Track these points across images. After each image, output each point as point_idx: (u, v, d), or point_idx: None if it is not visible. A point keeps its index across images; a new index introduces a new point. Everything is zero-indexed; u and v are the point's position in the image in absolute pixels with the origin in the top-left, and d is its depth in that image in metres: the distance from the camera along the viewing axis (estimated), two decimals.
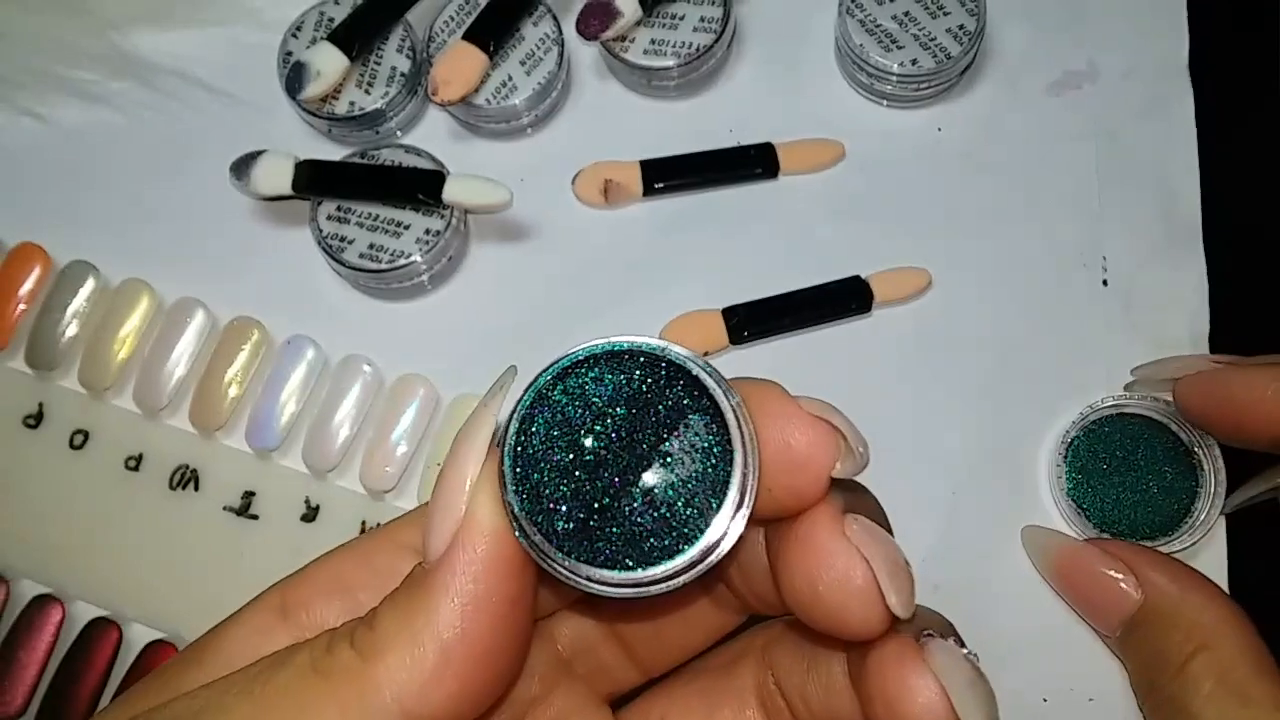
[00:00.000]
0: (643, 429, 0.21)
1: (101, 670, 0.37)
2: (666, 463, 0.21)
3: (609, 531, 0.21)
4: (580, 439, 0.21)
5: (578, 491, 0.21)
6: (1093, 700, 0.36)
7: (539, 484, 0.21)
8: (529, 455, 0.21)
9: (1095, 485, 0.37)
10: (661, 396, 0.21)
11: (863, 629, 0.22)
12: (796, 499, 0.22)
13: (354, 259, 0.39)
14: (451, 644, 0.20)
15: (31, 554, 0.38)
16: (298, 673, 0.21)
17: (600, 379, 0.22)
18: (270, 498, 0.38)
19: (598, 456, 0.21)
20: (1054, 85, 0.42)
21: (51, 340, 0.40)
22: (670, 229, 0.41)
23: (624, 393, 0.21)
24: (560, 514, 0.21)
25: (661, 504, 0.21)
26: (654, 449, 0.21)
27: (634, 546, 0.21)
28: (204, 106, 0.42)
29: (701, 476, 0.21)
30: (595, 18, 0.39)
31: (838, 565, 0.21)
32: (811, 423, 0.22)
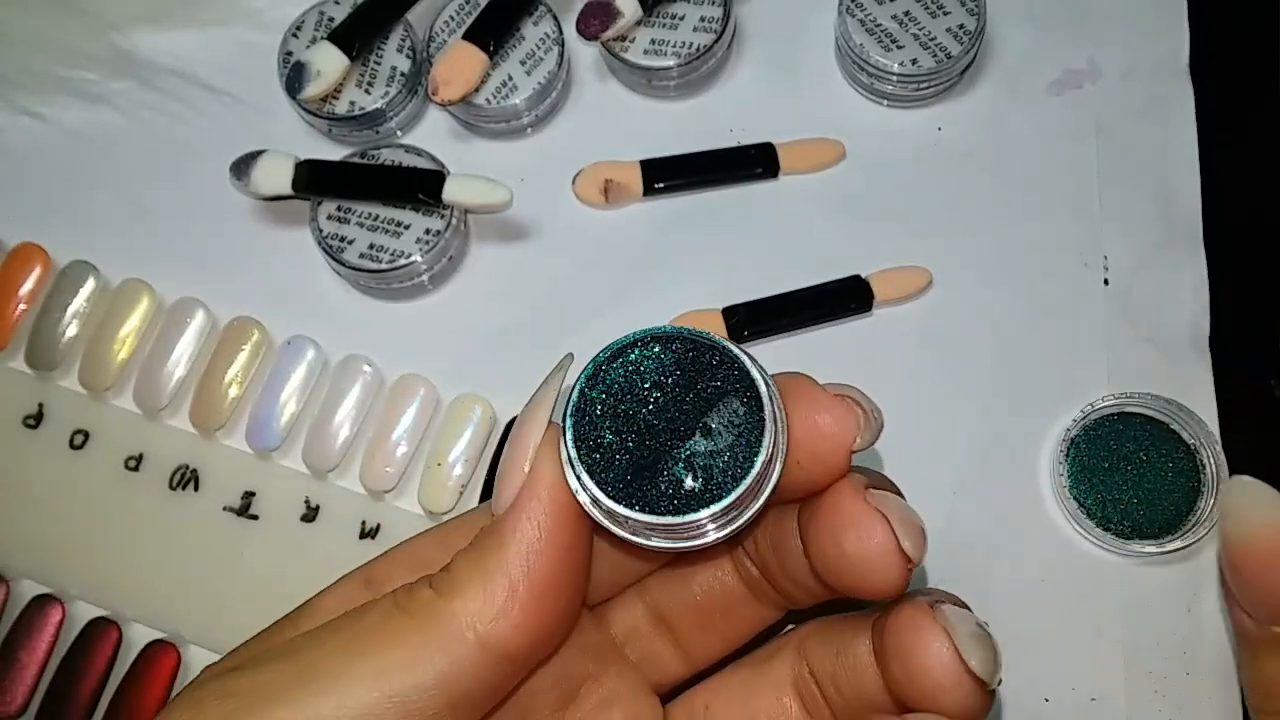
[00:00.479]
0: (688, 403, 0.25)
1: (101, 670, 0.37)
2: (708, 434, 0.25)
3: (653, 485, 0.24)
4: (633, 407, 0.25)
5: (628, 450, 0.25)
6: (1094, 700, 0.36)
7: (595, 441, 0.25)
8: (588, 417, 0.25)
9: (1096, 484, 0.37)
10: (707, 377, 0.25)
11: (883, 581, 0.25)
12: (825, 471, 0.25)
13: (354, 259, 0.39)
14: (518, 580, 0.24)
15: (31, 554, 0.38)
16: (382, 611, 0.24)
17: (654, 357, 0.25)
18: (270, 498, 0.38)
19: (647, 424, 0.25)
20: (1054, 85, 0.42)
21: (51, 340, 0.40)
22: (670, 229, 0.41)
23: (674, 370, 0.25)
24: (612, 467, 0.24)
25: (700, 467, 0.24)
26: (697, 422, 0.25)
27: (674, 498, 0.24)
28: (204, 106, 0.42)
29: (736, 447, 0.24)
30: (595, 17, 0.39)
31: (860, 525, 0.25)
32: (835, 401, 0.25)
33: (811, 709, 0.28)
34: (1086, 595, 0.37)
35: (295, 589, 0.37)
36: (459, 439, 0.38)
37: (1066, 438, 0.38)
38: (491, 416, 0.39)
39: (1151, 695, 0.36)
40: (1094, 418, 0.38)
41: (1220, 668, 0.36)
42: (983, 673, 0.25)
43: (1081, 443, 0.38)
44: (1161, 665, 0.36)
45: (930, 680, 0.25)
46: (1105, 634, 0.37)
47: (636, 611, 0.30)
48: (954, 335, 0.40)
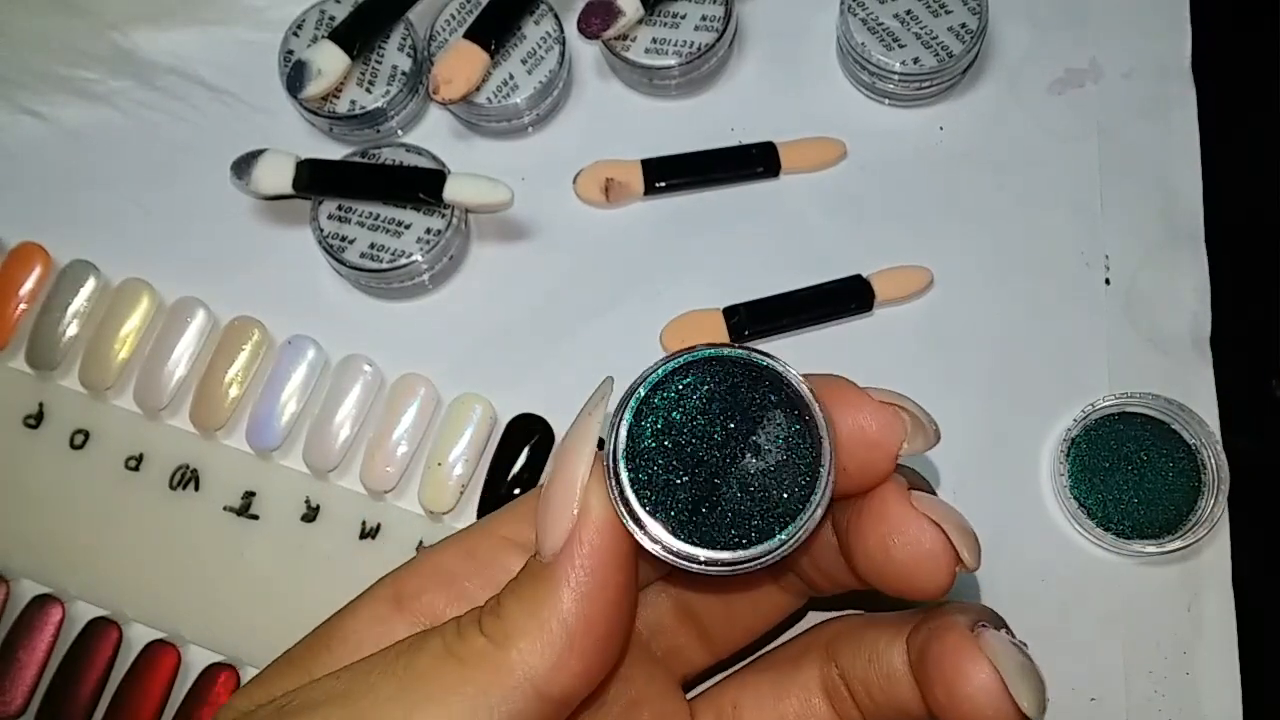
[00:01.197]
0: (734, 425, 0.24)
1: (101, 670, 0.37)
2: (758, 453, 0.24)
3: (716, 517, 0.24)
4: (682, 438, 0.24)
5: (684, 484, 0.24)
6: (1094, 700, 0.36)
7: (650, 480, 0.24)
8: (639, 456, 0.24)
9: (1097, 484, 0.37)
10: (748, 395, 0.25)
11: (931, 586, 0.25)
12: (871, 476, 0.25)
13: (355, 258, 0.38)
14: (575, 629, 0.23)
15: (31, 554, 0.38)
16: (435, 657, 0.23)
17: (693, 384, 0.25)
18: (270, 498, 0.38)
19: (697, 452, 0.24)
20: (1056, 84, 0.42)
21: (52, 340, 0.40)
22: (671, 228, 0.41)
23: (715, 394, 0.25)
24: (672, 506, 0.24)
25: (758, 488, 0.24)
26: (745, 442, 0.24)
27: (739, 528, 0.24)
28: (205, 106, 0.42)
29: (790, 463, 0.24)
30: (597, 16, 0.39)
31: (909, 530, 0.25)
32: (880, 408, 0.25)
33: (841, 710, 0.28)
34: (1086, 595, 0.37)
35: (295, 589, 0.38)
36: (459, 439, 0.38)
37: (1067, 437, 0.38)
38: (492, 416, 0.39)
39: (1151, 695, 0.36)
40: (1095, 417, 0.38)
41: (1220, 668, 0.36)
42: (1031, 711, 0.24)
43: (1082, 442, 0.38)
44: (1161, 665, 0.36)
45: (975, 710, 0.25)
46: (1105, 634, 0.37)
47: (661, 605, 0.30)
48: (955, 334, 0.40)
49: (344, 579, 0.37)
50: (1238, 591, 0.37)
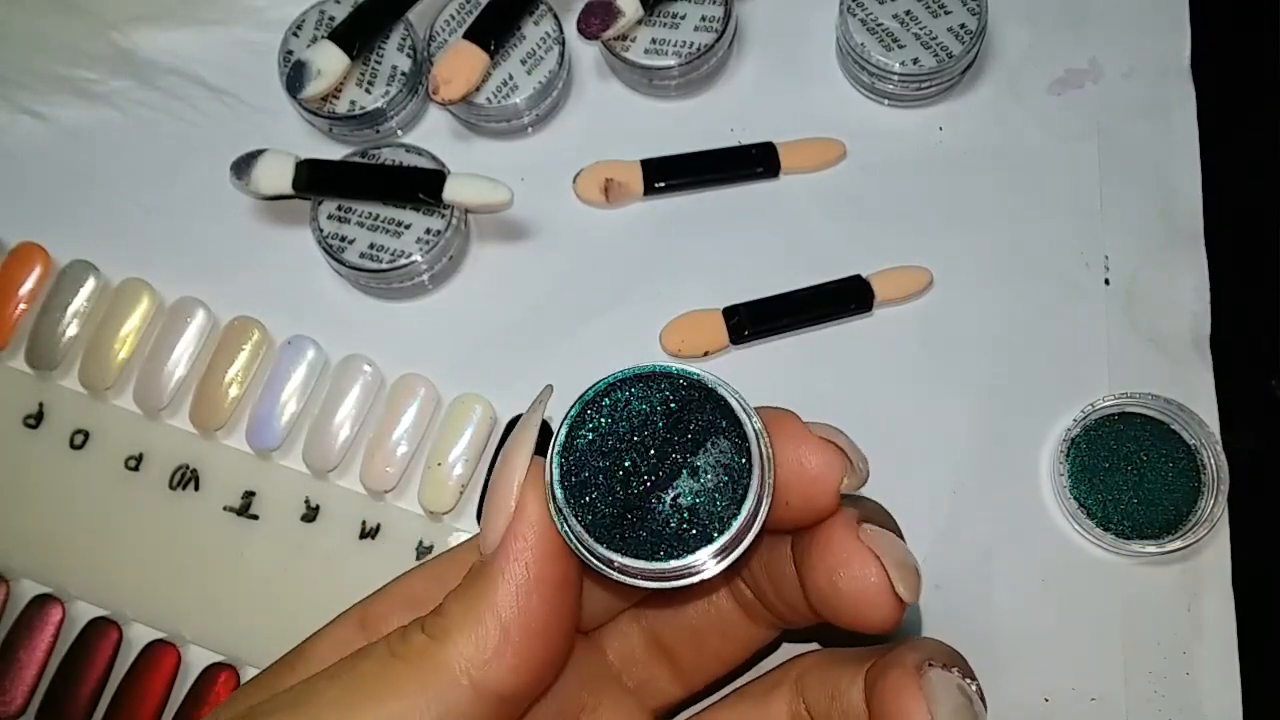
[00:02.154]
0: (675, 443, 0.24)
1: (101, 670, 0.37)
2: (694, 473, 0.24)
3: (640, 526, 0.24)
4: (620, 446, 0.24)
5: (615, 491, 0.24)
6: (1094, 700, 0.36)
7: (582, 482, 0.24)
8: (574, 457, 0.24)
9: (1097, 484, 0.37)
10: (694, 416, 0.25)
11: (878, 619, 0.25)
12: (812, 511, 0.26)
13: (354, 259, 0.38)
14: (509, 621, 0.23)
15: (31, 554, 0.38)
16: (378, 660, 0.24)
17: (642, 396, 0.25)
18: (270, 498, 0.38)
19: (634, 463, 0.24)
20: (1056, 84, 0.42)
21: (52, 340, 0.40)
22: (671, 228, 0.41)
23: (661, 410, 0.25)
24: (598, 509, 0.24)
25: (687, 508, 0.24)
26: (684, 461, 0.24)
27: (660, 541, 0.24)
28: (205, 106, 0.42)
29: (723, 488, 0.24)
30: (596, 17, 0.39)
31: (854, 564, 0.25)
32: (822, 445, 0.25)
33: None
34: (1086, 595, 0.37)
35: (295, 589, 0.38)
36: (459, 439, 0.38)
37: (1067, 438, 0.38)
38: (492, 416, 0.39)
39: (1151, 695, 0.36)
40: (1094, 418, 0.38)
41: (1220, 668, 0.36)
42: None
43: (1082, 443, 0.38)
44: (1161, 665, 0.36)
45: None
46: (1105, 634, 0.37)
47: (632, 636, 0.30)
48: (954, 335, 0.40)
49: (344, 579, 0.38)
50: (1238, 591, 0.37)
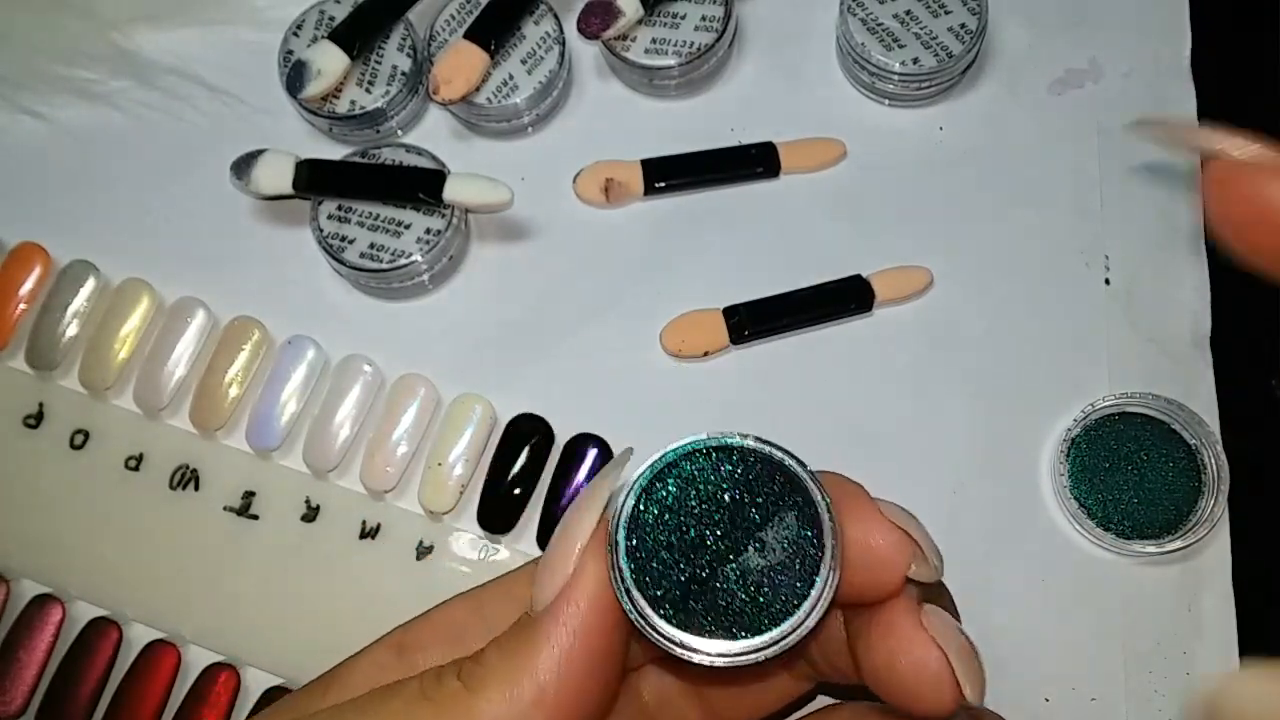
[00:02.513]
0: (743, 517, 0.24)
1: (102, 670, 0.37)
2: (761, 549, 0.24)
3: (705, 605, 0.24)
4: (687, 520, 0.24)
5: (680, 567, 0.24)
6: (1094, 700, 0.36)
7: (648, 556, 0.24)
8: (641, 529, 0.24)
9: (1097, 484, 0.37)
10: (761, 489, 0.24)
11: (934, 708, 0.25)
12: (875, 591, 0.25)
13: (355, 258, 0.38)
14: (546, 686, 0.23)
15: (32, 554, 0.38)
16: (408, 699, 0.24)
17: (709, 468, 0.24)
18: (270, 498, 0.38)
19: (701, 538, 0.24)
20: (1056, 84, 0.42)
21: (52, 340, 0.40)
22: (671, 228, 0.41)
23: (729, 483, 0.24)
24: (664, 585, 0.24)
25: (754, 585, 0.24)
26: (751, 536, 0.24)
27: (726, 621, 0.24)
28: (205, 106, 0.42)
29: (791, 565, 0.24)
30: (596, 17, 0.39)
31: (915, 652, 0.24)
32: (890, 528, 0.25)
33: None
34: (1086, 595, 0.37)
35: (296, 588, 0.38)
36: (459, 439, 0.38)
37: (1067, 437, 0.38)
38: (492, 416, 0.39)
39: (1151, 695, 0.36)
40: (1095, 417, 0.38)
41: (1220, 668, 0.36)
42: None
43: (1082, 442, 0.38)
44: (1161, 665, 0.36)
45: None
46: (1105, 634, 0.37)
47: (668, 679, 0.29)
48: (955, 335, 0.40)
49: (344, 579, 0.38)
50: (1238, 591, 0.37)
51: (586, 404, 0.39)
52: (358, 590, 0.38)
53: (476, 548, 0.38)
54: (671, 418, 0.39)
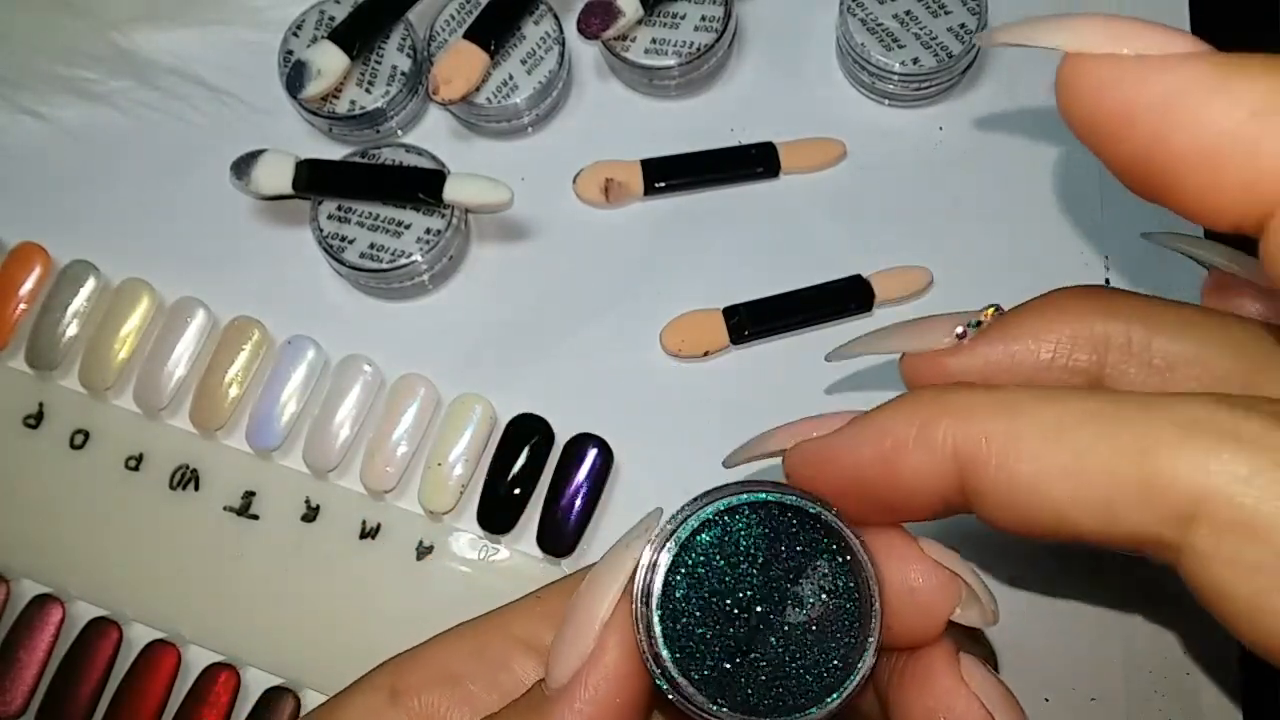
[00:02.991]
0: (777, 574, 0.23)
1: (102, 670, 0.37)
2: (800, 605, 0.23)
3: (752, 677, 0.22)
4: (720, 588, 0.22)
5: (719, 637, 0.22)
6: (1094, 700, 0.36)
7: (682, 629, 0.22)
8: (673, 601, 0.22)
9: None
10: (792, 541, 0.23)
11: None
12: (913, 638, 0.23)
13: (354, 258, 0.38)
14: None
15: (32, 554, 0.38)
16: None
17: (739, 528, 0.23)
18: (270, 498, 0.38)
19: (738, 603, 0.22)
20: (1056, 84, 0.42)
21: (52, 340, 0.40)
22: (671, 228, 0.41)
23: (759, 539, 0.23)
24: (706, 661, 0.22)
25: (797, 646, 0.22)
26: (787, 593, 0.22)
27: (778, 691, 0.22)
28: (205, 106, 0.42)
29: (835, 618, 0.22)
30: (596, 17, 0.39)
31: (956, 708, 0.23)
32: (934, 567, 0.23)
33: None
34: (1086, 595, 0.37)
35: (296, 588, 0.38)
36: (459, 439, 0.38)
37: None
38: (492, 416, 0.39)
39: (1151, 695, 0.36)
40: None
41: (1220, 668, 0.36)
42: None
43: None
44: (1161, 665, 0.36)
45: None
46: (1105, 634, 0.37)
47: None
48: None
49: (344, 579, 0.38)
50: None
51: (586, 404, 0.39)
52: (358, 590, 0.38)
53: (476, 548, 0.38)
54: (671, 418, 0.39)
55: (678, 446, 0.39)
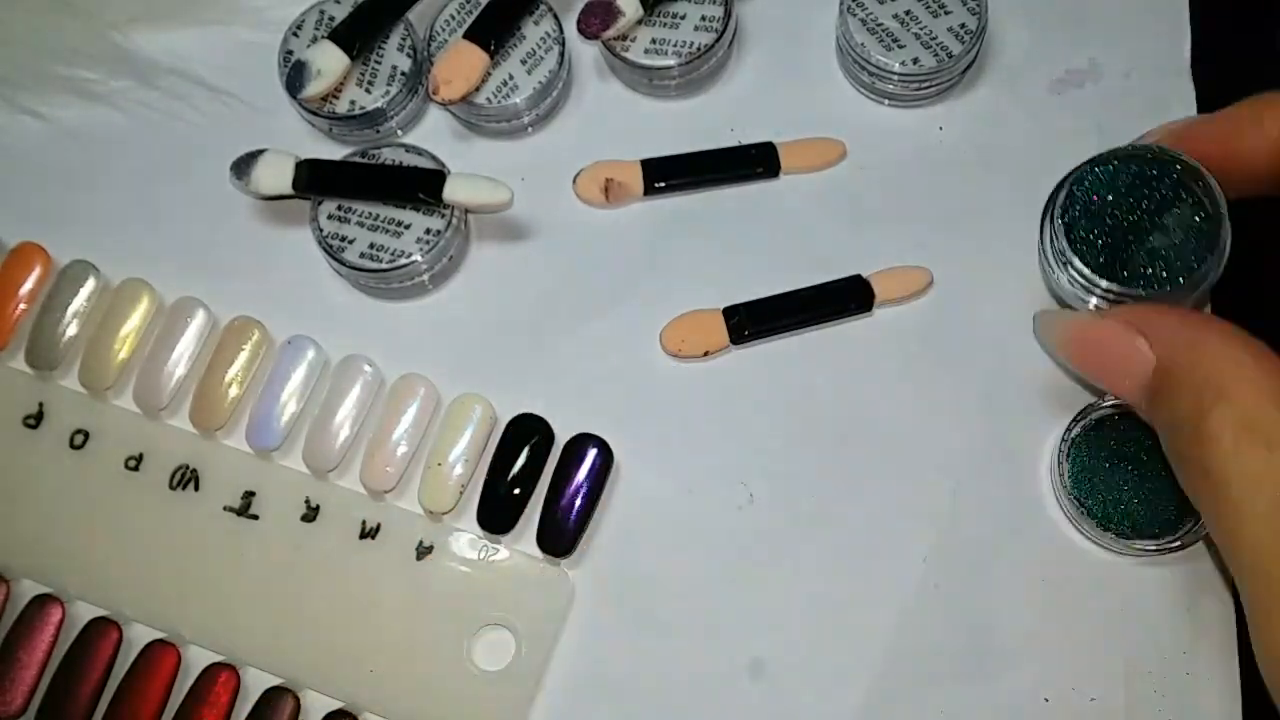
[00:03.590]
0: (1145, 206, 0.34)
1: (102, 670, 0.37)
2: (1165, 231, 0.34)
3: (1129, 267, 0.34)
4: (1105, 211, 0.34)
5: (1104, 244, 0.34)
6: (1094, 700, 0.36)
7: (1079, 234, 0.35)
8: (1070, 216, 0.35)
9: (1097, 484, 0.37)
10: (1154, 185, 0.34)
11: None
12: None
13: (354, 258, 0.38)
14: None
15: (31, 554, 0.38)
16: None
17: (1114, 172, 0.35)
18: (270, 498, 0.38)
19: (1115, 224, 0.34)
20: (1056, 84, 0.42)
21: (51, 340, 0.40)
22: (671, 228, 0.41)
23: (1133, 181, 0.34)
24: (1091, 255, 0.34)
25: (1161, 257, 0.34)
26: (1155, 223, 0.34)
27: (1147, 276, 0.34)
28: (204, 106, 0.42)
29: (1188, 244, 0.34)
30: (596, 17, 0.39)
31: None
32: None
33: None
34: (1088, 596, 0.37)
35: (295, 588, 0.38)
36: (459, 439, 0.38)
37: (1067, 437, 0.38)
38: (492, 416, 0.39)
39: (1151, 695, 0.36)
40: (1094, 418, 0.38)
41: (1220, 668, 0.36)
42: None
43: (1082, 442, 0.38)
44: (1161, 665, 0.36)
45: None
46: (1105, 634, 0.37)
47: None
48: (955, 335, 0.40)
49: (344, 578, 0.38)
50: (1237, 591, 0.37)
51: (586, 404, 0.39)
52: (358, 590, 0.38)
53: (476, 548, 0.38)
54: (672, 418, 0.39)
55: (678, 446, 0.39)
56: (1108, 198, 0.34)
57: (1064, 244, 0.34)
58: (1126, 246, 0.33)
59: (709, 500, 0.38)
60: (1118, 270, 0.34)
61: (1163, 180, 0.34)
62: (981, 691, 0.37)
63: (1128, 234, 0.34)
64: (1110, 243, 0.34)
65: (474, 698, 0.37)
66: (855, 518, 0.38)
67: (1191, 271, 0.33)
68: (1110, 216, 0.33)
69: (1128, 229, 0.34)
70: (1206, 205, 0.33)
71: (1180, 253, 0.33)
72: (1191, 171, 0.33)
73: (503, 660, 0.37)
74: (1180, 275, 0.33)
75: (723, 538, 0.38)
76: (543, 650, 0.37)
